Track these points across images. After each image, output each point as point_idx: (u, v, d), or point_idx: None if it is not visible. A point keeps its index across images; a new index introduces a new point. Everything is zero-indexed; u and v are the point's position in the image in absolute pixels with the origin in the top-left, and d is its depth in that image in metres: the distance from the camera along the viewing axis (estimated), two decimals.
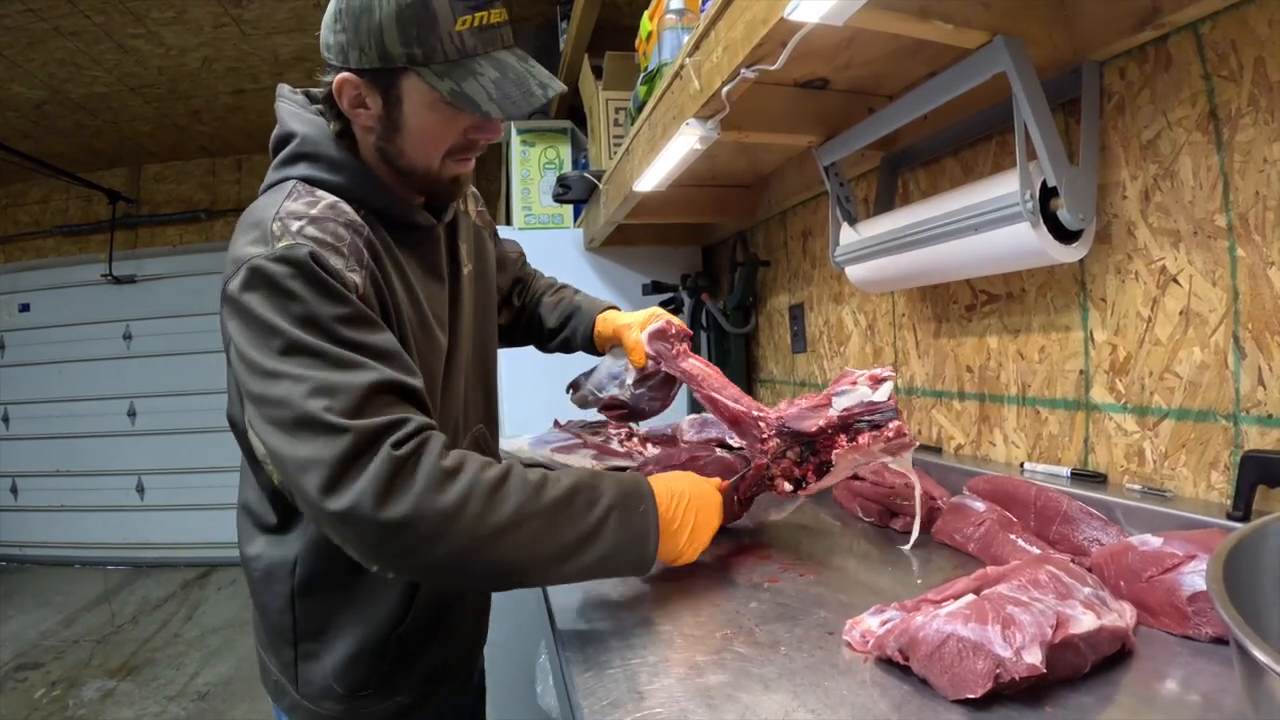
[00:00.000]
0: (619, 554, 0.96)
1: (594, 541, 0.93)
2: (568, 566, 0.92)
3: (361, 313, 0.93)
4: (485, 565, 0.88)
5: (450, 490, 0.85)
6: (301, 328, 0.89)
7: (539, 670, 1.91)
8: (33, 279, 6.35)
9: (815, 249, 2.24)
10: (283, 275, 0.90)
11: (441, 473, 0.85)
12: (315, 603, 1.10)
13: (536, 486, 0.91)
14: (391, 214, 1.09)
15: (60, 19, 3.74)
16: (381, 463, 0.83)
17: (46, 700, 3.75)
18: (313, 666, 1.12)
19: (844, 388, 1.09)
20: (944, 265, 1.35)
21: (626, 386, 1.44)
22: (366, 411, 0.86)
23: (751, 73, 1.11)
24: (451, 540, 0.85)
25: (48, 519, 6.35)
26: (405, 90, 1.01)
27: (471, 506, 0.85)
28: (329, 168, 1.06)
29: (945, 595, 0.83)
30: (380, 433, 0.85)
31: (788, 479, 1.15)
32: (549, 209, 2.99)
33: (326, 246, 0.94)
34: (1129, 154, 1.15)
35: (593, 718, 0.75)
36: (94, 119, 5.16)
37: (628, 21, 2.27)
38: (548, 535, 0.90)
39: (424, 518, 0.83)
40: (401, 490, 0.83)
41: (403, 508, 0.82)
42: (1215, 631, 0.81)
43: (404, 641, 1.13)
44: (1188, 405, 1.08)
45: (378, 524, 0.82)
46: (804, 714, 0.72)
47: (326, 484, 0.83)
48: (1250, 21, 0.97)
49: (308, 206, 0.99)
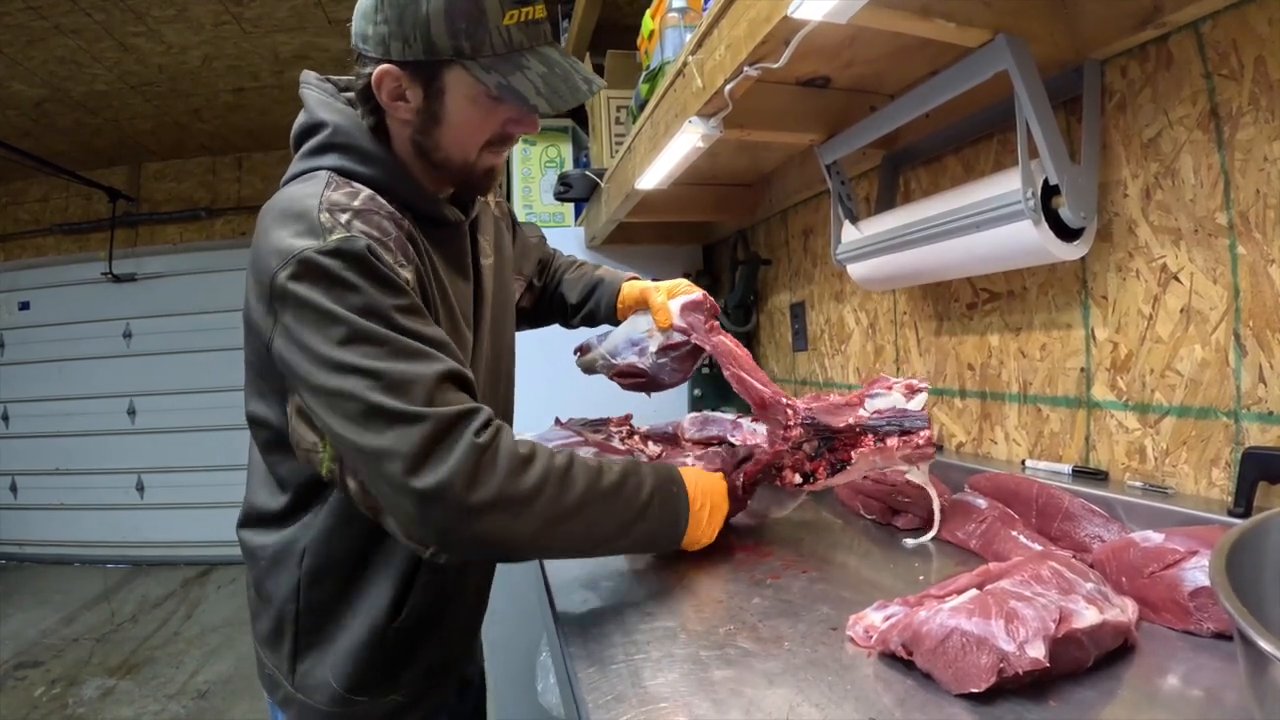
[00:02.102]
0: (659, 532, 1.08)
1: (641, 521, 1.03)
2: (620, 542, 1.03)
3: (417, 305, 0.96)
4: (559, 541, 0.96)
5: (529, 474, 0.92)
6: (364, 317, 0.90)
7: (540, 668, 1.91)
8: (32, 277, 6.35)
9: (816, 247, 2.25)
10: (339, 268, 0.91)
11: (520, 459, 0.92)
12: (320, 592, 1.11)
13: (598, 472, 1.00)
14: (422, 209, 1.10)
15: (61, 17, 3.74)
16: (466, 448, 0.88)
17: (46, 699, 3.75)
18: (311, 660, 1.12)
19: (878, 391, 1.11)
20: (945, 263, 1.35)
21: (649, 354, 1.42)
22: (437, 400, 0.89)
23: (754, 71, 1.11)
24: (532, 519, 0.91)
25: (47, 517, 6.34)
26: (449, 83, 1.02)
27: (548, 490, 0.93)
28: (362, 160, 1.05)
29: (948, 590, 0.84)
30: (457, 420, 0.90)
31: (798, 471, 1.15)
32: (550, 207, 2.99)
33: (372, 238, 0.95)
34: (1130, 152, 1.15)
35: (597, 713, 0.75)
36: (94, 117, 5.16)
37: (629, 20, 2.27)
38: (608, 515, 0.99)
39: (510, 499, 0.90)
40: (487, 474, 0.89)
41: (490, 490, 0.88)
42: (1217, 627, 0.81)
43: (401, 636, 1.13)
44: (1189, 402, 1.08)
45: (468, 505, 0.87)
46: (808, 708, 0.72)
47: (411, 467, 0.86)
48: (1251, 20, 0.97)
49: (349, 198, 0.99)
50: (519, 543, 0.93)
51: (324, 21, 3.92)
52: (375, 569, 1.11)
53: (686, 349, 1.42)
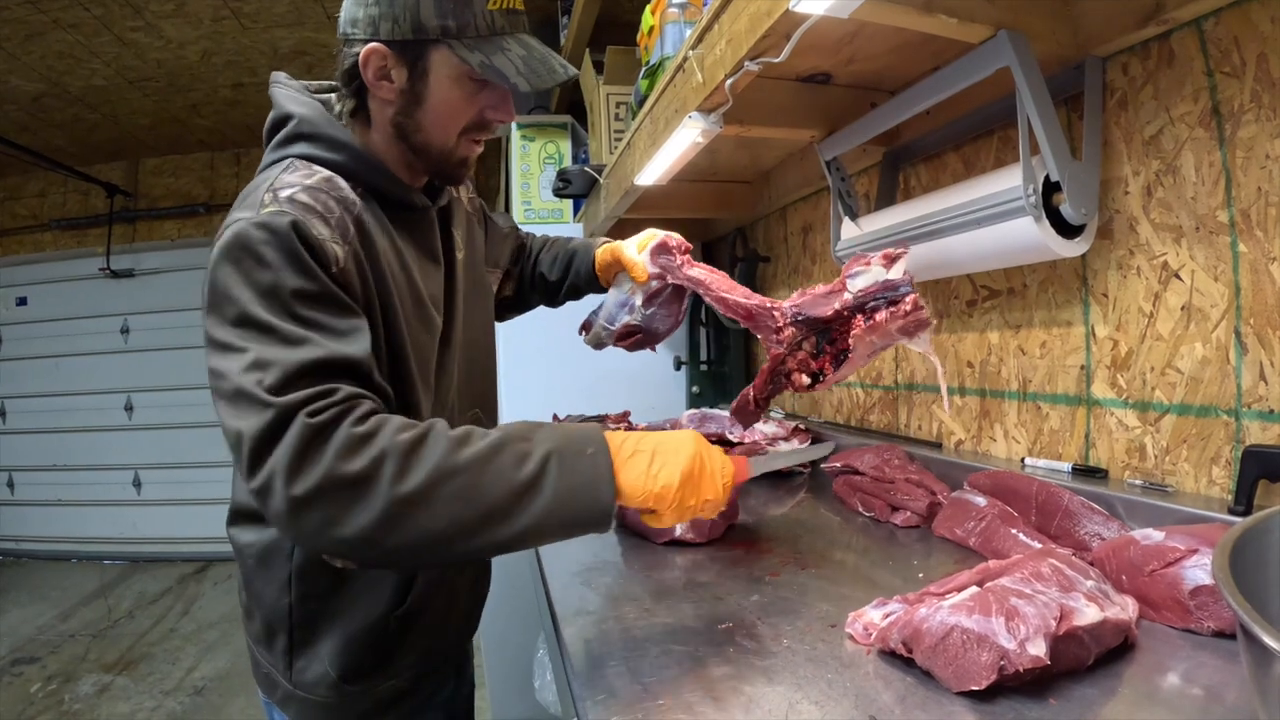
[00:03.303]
0: (568, 506, 0.85)
1: (532, 496, 0.84)
2: (506, 528, 0.83)
3: (328, 291, 0.91)
4: (412, 534, 0.81)
5: (363, 455, 0.79)
6: (258, 299, 0.87)
7: (537, 665, 1.91)
8: (30, 273, 6.32)
9: (815, 244, 2.24)
10: (259, 240, 0.89)
11: (353, 439, 0.80)
12: (312, 585, 1.09)
13: (457, 442, 0.84)
14: (389, 194, 1.10)
15: (59, 11, 3.72)
16: (295, 433, 0.79)
17: (42, 695, 3.74)
18: (308, 653, 1.11)
19: (857, 269, 1.05)
20: (945, 260, 1.35)
21: (637, 309, 1.42)
22: (296, 387, 0.82)
23: (755, 65, 1.11)
24: (369, 509, 0.79)
25: (44, 513, 6.32)
26: (433, 63, 1.04)
27: (386, 470, 0.79)
28: (328, 147, 1.06)
29: (948, 588, 0.83)
30: (300, 405, 0.80)
31: (804, 372, 1.10)
32: (549, 204, 2.98)
33: (314, 214, 0.94)
34: (1131, 149, 1.15)
35: (594, 710, 0.75)
36: (92, 112, 5.14)
37: (628, 16, 2.26)
38: (474, 494, 0.82)
39: (335, 486, 0.78)
40: (312, 461, 0.78)
41: (313, 479, 0.78)
42: (1217, 625, 0.81)
43: (402, 623, 1.12)
44: (1189, 400, 1.08)
45: (289, 499, 0.78)
46: (808, 706, 0.72)
47: (249, 460, 0.80)
48: (1253, 18, 0.97)
49: (303, 178, 1.00)
50: (362, 539, 0.79)
51: (323, 17, 3.90)
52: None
53: (669, 292, 1.41)
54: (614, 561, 1.24)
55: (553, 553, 1.30)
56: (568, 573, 1.18)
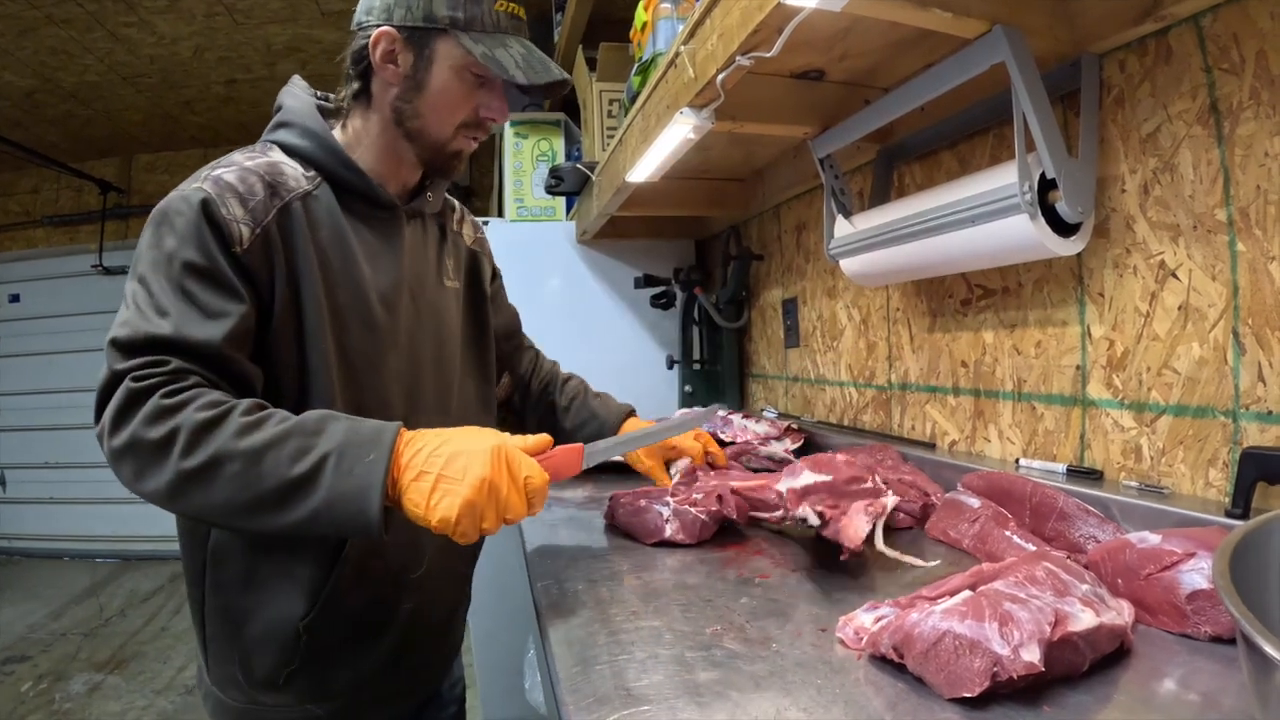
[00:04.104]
0: (336, 510, 0.86)
1: (302, 493, 0.85)
2: (277, 519, 0.86)
3: (217, 270, 0.96)
4: (196, 504, 0.87)
5: (162, 425, 0.86)
6: (154, 263, 0.96)
7: (528, 665, 1.89)
8: (22, 269, 6.31)
9: (809, 243, 2.23)
10: (174, 212, 0.98)
11: (159, 409, 0.87)
12: (223, 575, 1.07)
13: (247, 427, 0.87)
14: (351, 185, 1.14)
15: (52, 7, 3.70)
16: (120, 395, 0.88)
17: (33, 694, 3.72)
18: (220, 648, 1.09)
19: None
20: (940, 258, 1.33)
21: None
22: (137, 353, 0.91)
23: (747, 60, 1.09)
24: (160, 475, 0.86)
25: (37, 511, 6.31)
26: (439, 52, 1.10)
27: (178, 443, 0.85)
28: (300, 134, 1.13)
29: (941, 592, 0.82)
30: (129, 371, 0.89)
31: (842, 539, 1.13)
32: (541, 201, 2.97)
33: (232, 194, 1.00)
34: (1128, 147, 1.14)
35: (578, 715, 0.73)
36: (85, 108, 5.12)
37: (622, 14, 2.25)
38: (248, 481, 0.85)
39: (137, 448, 0.87)
40: (125, 421, 0.87)
41: (122, 438, 0.87)
42: (1214, 630, 0.80)
43: (312, 637, 1.07)
44: (1186, 401, 1.07)
45: (109, 449, 0.89)
46: (796, 712, 0.71)
47: (95, 409, 0.91)
48: (1252, 14, 0.96)
49: (247, 159, 1.07)
50: (159, 498, 0.87)
51: (316, 13, 3.88)
52: (281, 553, 1.06)
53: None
54: (603, 562, 1.22)
55: (541, 552, 1.28)
56: (555, 573, 1.16)
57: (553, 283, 2.89)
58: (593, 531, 1.41)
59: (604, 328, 2.92)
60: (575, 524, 1.48)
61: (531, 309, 2.91)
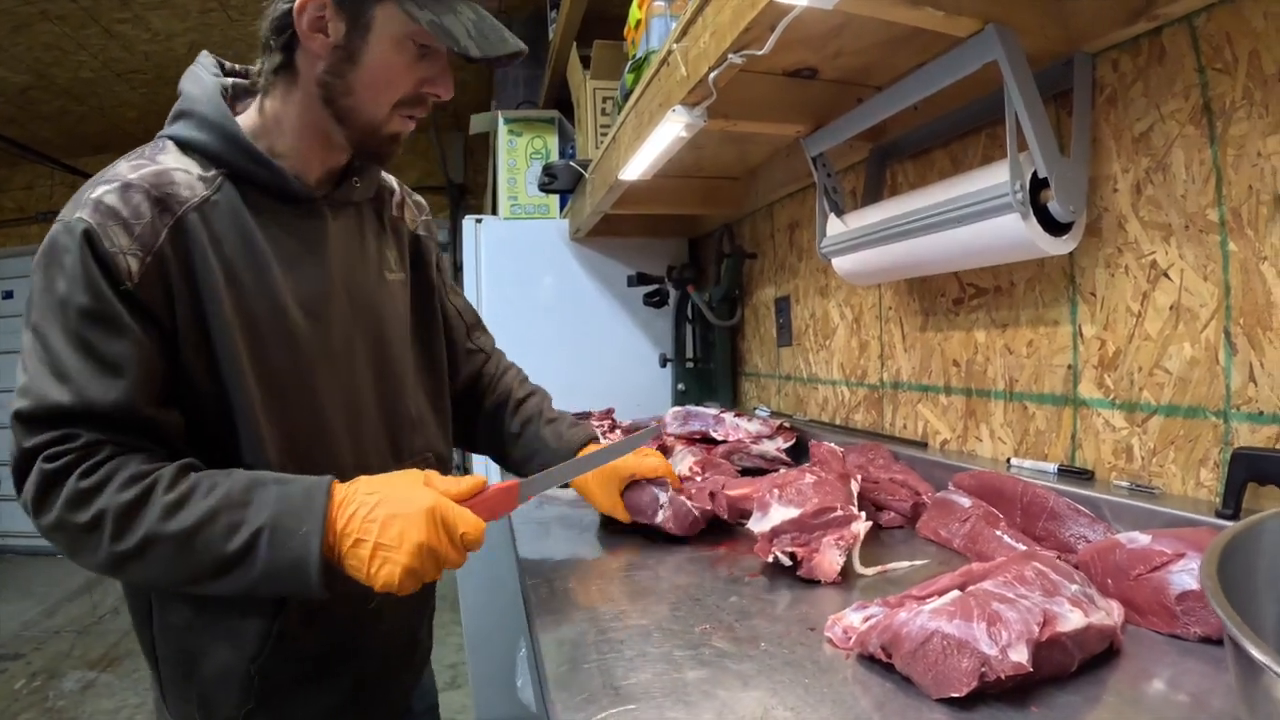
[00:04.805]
0: (277, 581, 0.87)
1: (240, 569, 0.87)
2: (220, 588, 0.88)
3: (108, 311, 0.89)
4: (136, 577, 0.90)
5: (86, 510, 0.85)
6: (49, 311, 0.90)
7: (520, 663, 1.89)
8: (16, 266, 6.29)
9: (802, 241, 2.23)
10: (60, 249, 0.90)
11: (78, 493, 0.85)
12: (171, 616, 1.01)
13: (171, 506, 0.86)
14: (259, 179, 1.01)
15: (46, 3, 3.69)
16: (34, 476, 0.86)
17: (27, 691, 3.72)
18: (177, 688, 1.03)
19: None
20: (932, 257, 1.33)
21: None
22: (42, 428, 0.87)
23: (739, 58, 1.09)
24: (95, 555, 0.87)
25: None
26: (377, 19, 0.96)
27: (105, 528, 0.85)
28: (197, 125, 1.00)
29: (929, 591, 0.82)
30: (40, 449, 0.87)
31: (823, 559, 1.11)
32: (535, 199, 2.97)
33: (116, 220, 0.90)
34: (1121, 147, 1.14)
35: (567, 714, 0.73)
36: (80, 105, 5.11)
37: (616, 11, 2.24)
38: (184, 560, 0.86)
39: (66, 530, 0.86)
40: (48, 505, 0.86)
41: (49, 519, 0.86)
42: (1203, 631, 0.79)
43: (265, 678, 1.01)
44: (1177, 401, 1.07)
45: (40, 527, 0.88)
46: (783, 712, 0.70)
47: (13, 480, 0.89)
48: (1245, 14, 0.95)
49: (132, 170, 0.94)
50: (98, 570, 0.89)
51: None
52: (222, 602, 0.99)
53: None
54: (593, 561, 1.22)
55: (531, 550, 1.28)
56: (545, 572, 1.16)
57: (546, 280, 2.89)
58: (583, 530, 1.41)
59: (597, 326, 2.92)
60: (566, 523, 1.47)
61: (525, 306, 2.91)
